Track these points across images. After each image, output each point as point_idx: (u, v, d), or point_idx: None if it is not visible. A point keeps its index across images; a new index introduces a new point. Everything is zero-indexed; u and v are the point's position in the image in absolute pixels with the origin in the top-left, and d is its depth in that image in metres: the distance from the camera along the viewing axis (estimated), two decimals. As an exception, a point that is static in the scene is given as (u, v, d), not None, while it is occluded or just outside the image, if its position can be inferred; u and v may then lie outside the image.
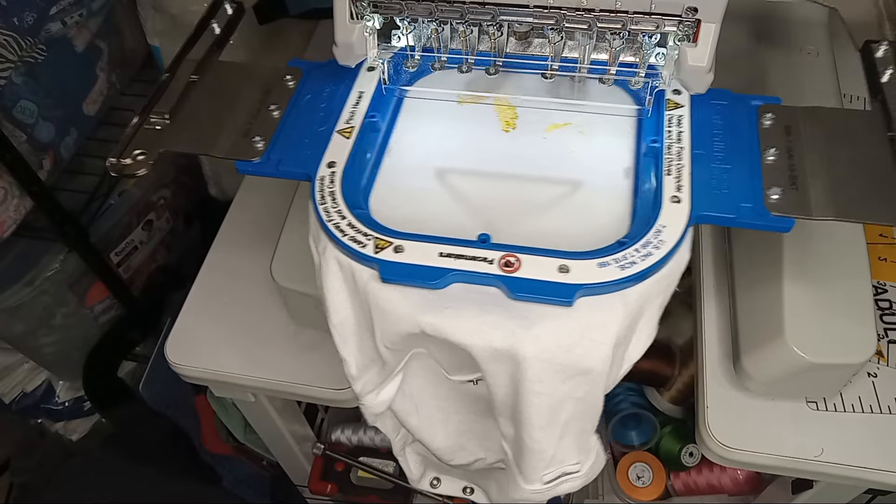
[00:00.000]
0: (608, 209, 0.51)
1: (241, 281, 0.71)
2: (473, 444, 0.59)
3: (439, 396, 0.55)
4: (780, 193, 0.47)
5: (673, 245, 0.45)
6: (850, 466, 0.57)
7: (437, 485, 0.70)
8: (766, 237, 0.61)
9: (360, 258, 0.46)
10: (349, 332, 0.50)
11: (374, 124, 0.56)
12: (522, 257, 0.45)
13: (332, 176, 0.50)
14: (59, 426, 1.25)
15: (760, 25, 0.73)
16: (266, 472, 1.11)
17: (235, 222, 0.76)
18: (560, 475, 0.51)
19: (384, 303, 0.45)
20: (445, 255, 0.45)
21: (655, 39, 0.54)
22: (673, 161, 0.50)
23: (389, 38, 0.59)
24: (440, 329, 0.44)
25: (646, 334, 0.48)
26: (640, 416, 0.91)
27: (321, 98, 0.56)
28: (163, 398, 1.12)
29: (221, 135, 0.53)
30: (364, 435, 0.97)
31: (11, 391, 1.21)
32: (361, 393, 0.52)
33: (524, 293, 0.44)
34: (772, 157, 0.49)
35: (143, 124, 0.53)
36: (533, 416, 0.46)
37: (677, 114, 0.53)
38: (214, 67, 0.58)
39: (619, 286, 0.44)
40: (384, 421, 0.59)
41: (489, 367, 0.45)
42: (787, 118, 0.52)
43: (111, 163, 0.51)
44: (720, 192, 0.48)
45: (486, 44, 0.58)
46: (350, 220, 0.48)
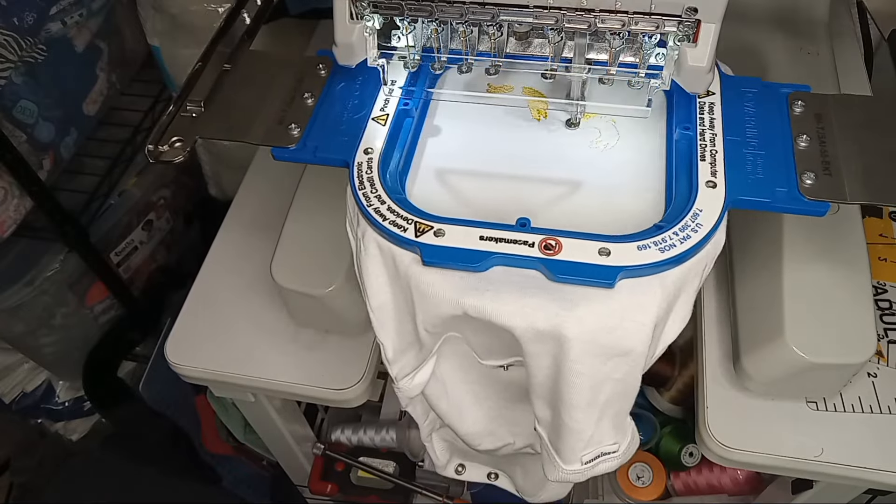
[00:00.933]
0: (641, 195, 0.52)
1: (241, 281, 0.71)
2: (502, 429, 0.59)
3: (470, 381, 0.56)
4: (813, 178, 0.48)
5: (710, 228, 0.46)
6: (850, 466, 0.57)
7: (461, 471, 0.71)
8: (766, 237, 0.61)
9: (400, 242, 0.47)
10: (387, 316, 0.51)
11: (408, 112, 0.56)
12: (563, 240, 0.45)
13: (369, 162, 0.51)
14: (59, 426, 1.25)
15: (760, 25, 0.73)
16: (266, 472, 1.11)
17: (235, 222, 0.76)
18: (598, 455, 0.52)
19: (426, 286, 0.46)
20: (486, 239, 0.46)
21: (655, 39, 0.54)
22: (707, 147, 0.51)
23: (389, 38, 0.59)
24: (483, 311, 0.45)
25: (681, 316, 0.48)
26: (640, 416, 0.91)
27: (354, 86, 0.56)
28: (163, 398, 1.12)
29: (256, 122, 0.53)
30: (364, 435, 0.97)
31: (11, 391, 1.21)
32: (398, 376, 0.53)
33: (566, 275, 0.44)
34: (804, 143, 0.50)
35: (179, 112, 0.53)
36: (574, 397, 0.47)
37: (709, 101, 0.54)
38: (245, 57, 0.58)
39: (658, 268, 0.45)
40: (415, 406, 0.60)
41: (531, 348, 0.46)
42: (817, 106, 0.52)
43: (149, 149, 0.51)
44: (755, 177, 0.49)
45: (486, 44, 0.58)
46: (389, 205, 0.48)
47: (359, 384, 0.64)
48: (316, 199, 0.63)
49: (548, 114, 0.58)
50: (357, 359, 0.65)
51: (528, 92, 0.60)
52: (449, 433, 0.62)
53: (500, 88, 0.60)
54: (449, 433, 0.62)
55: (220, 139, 0.54)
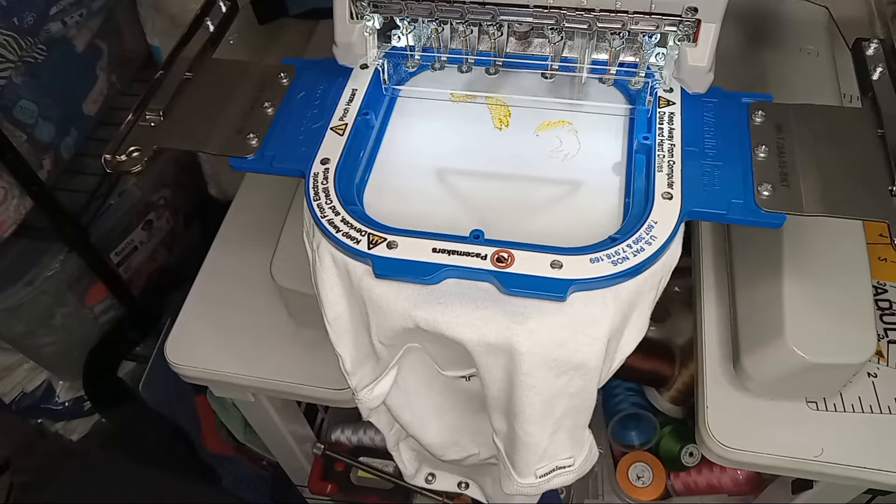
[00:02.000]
0: (599, 206, 0.52)
1: (241, 281, 0.71)
2: (466, 439, 0.59)
3: (432, 392, 0.55)
4: (770, 190, 0.47)
5: (664, 241, 0.45)
6: (849, 466, 0.57)
7: (431, 480, 0.70)
8: (765, 237, 0.61)
9: (354, 254, 0.46)
10: (344, 328, 0.50)
11: (368, 121, 0.56)
12: (515, 253, 0.45)
13: (325, 172, 0.51)
14: (59, 426, 1.25)
15: (760, 25, 0.73)
16: (266, 472, 1.11)
17: (235, 222, 0.76)
18: (553, 469, 0.51)
19: (378, 298, 0.46)
20: (439, 251, 0.45)
21: (655, 39, 0.54)
22: (664, 157, 0.50)
23: (389, 38, 0.59)
24: (435, 324, 0.45)
25: (637, 329, 0.48)
26: (640, 416, 0.91)
27: (315, 95, 0.56)
28: (163, 398, 1.12)
29: (215, 131, 0.53)
30: (364, 435, 0.97)
31: (11, 391, 1.21)
32: (356, 388, 0.53)
33: (517, 288, 0.44)
34: (762, 154, 0.50)
35: (138, 121, 0.53)
36: (527, 410, 0.47)
37: (669, 111, 0.53)
38: (208, 65, 0.58)
39: (611, 281, 0.44)
40: (378, 416, 0.59)
41: (483, 361, 0.46)
42: (777, 115, 0.52)
43: (106, 159, 0.51)
44: (711, 189, 0.48)
45: (486, 44, 0.58)
46: (344, 216, 0.48)
47: (359, 384, 0.64)
48: (316, 199, 0.63)
49: (510, 123, 0.58)
50: (357, 359, 0.65)
51: (491, 101, 0.59)
52: (416, 443, 0.61)
53: (463, 98, 0.60)
54: (416, 443, 0.61)
55: (178, 148, 0.54)
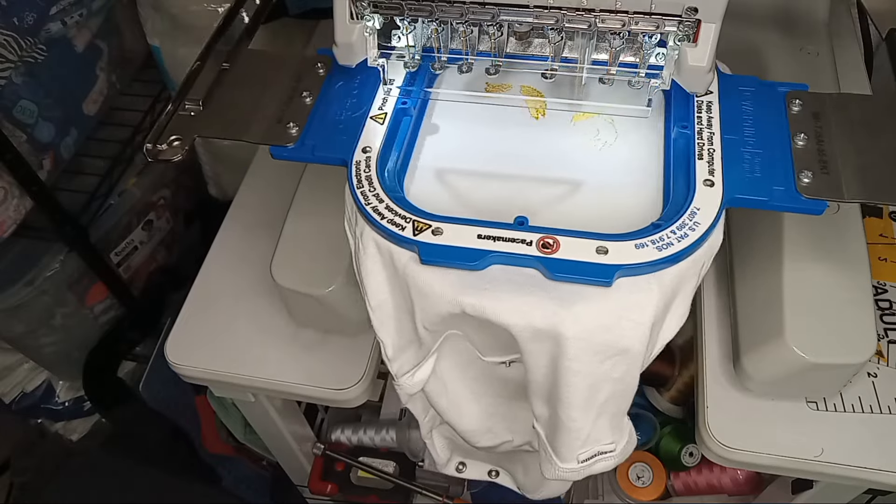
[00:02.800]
0: (640, 193, 0.52)
1: (241, 281, 0.71)
2: (501, 426, 0.59)
3: (469, 378, 0.56)
4: (811, 177, 0.48)
5: (708, 227, 0.46)
6: (849, 466, 0.57)
7: (462, 469, 0.71)
8: (766, 237, 0.61)
9: (398, 241, 0.47)
10: (387, 314, 0.51)
11: (406, 110, 0.56)
12: (560, 239, 0.45)
13: (367, 160, 0.51)
14: (59, 426, 1.25)
15: (760, 25, 0.73)
16: (266, 472, 1.11)
17: (235, 222, 0.76)
18: (595, 454, 0.52)
19: (424, 284, 0.46)
20: (484, 237, 0.46)
21: (655, 39, 0.54)
22: (704, 145, 0.51)
23: (389, 38, 0.59)
24: (481, 309, 0.45)
25: (679, 314, 0.48)
26: (640, 416, 0.91)
27: (353, 85, 0.56)
28: (163, 398, 1.12)
29: (254, 121, 0.54)
30: (364, 435, 0.97)
31: (11, 391, 1.21)
32: (398, 374, 0.53)
33: (563, 273, 0.44)
34: (801, 141, 0.50)
35: (178, 111, 0.53)
36: (571, 396, 0.47)
37: (707, 100, 0.54)
38: (244, 56, 0.58)
39: (656, 267, 0.45)
40: (415, 403, 0.60)
41: (529, 347, 0.46)
42: (814, 104, 0.52)
43: (147, 148, 0.51)
44: (752, 176, 0.49)
45: (486, 44, 0.58)
46: (388, 204, 0.48)
47: (359, 384, 0.64)
48: (316, 199, 0.63)
49: (546, 112, 0.58)
50: (357, 359, 0.65)
51: (526, 91, 0.60)
52: (449, 430, 0.62)
53: (499, 87, 0.60)
54: (449, 430, 0.62)
55: (218, 138, 0.54)
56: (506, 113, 0.58)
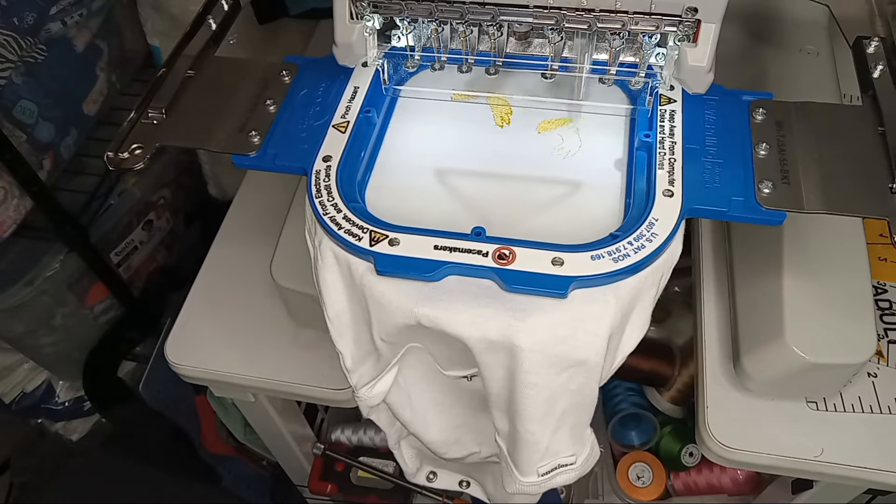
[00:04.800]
0: (600, 203, 0.52)
1: (241, 281, 0.71)
2: (468, 437, 0.59)
3: (433, 390, 0.55)
4: (771, 187, 0.48)
5: (665, 238, 0.46)
6: (850, 466, 0.57)
7: (433, 478, 0.70)
8: (765, 237, 0.61)
9: (355, 251, 0.46)
10: (345, 325, 0.50)
11: (370, 119, 0.56)
12: (516, 250, 0.45)
13: (327, 170, 0.51)
14: (59, 426, 1.25)
15: (760, 25, 0.73)
16: (266, 472, 1.11)
17: (235, 222, 0.76)
18: (555, 467, 0.51)
19: (380, 295, 0.46)
20: (440, 248, 0.46)
21: (655, 39, 0.54)
22: (665, 155, 0.50)
23: (389, 38, 0.59)
24: (436, 320, 0.45)
25: (639, 326, 0.48)
26: (640, 416, 0.91)
27: (317, 93, 0.56)
28: (163, 398, 1.12)
29: (217, 129, 0.53)
30: (364, 435, 0.97)
31: (11, 391, 1.21)
32: (357, 385, 0.53)
33: (518, 285, 0.44)
34: (763, 151, 0.50)
35: (140, 119, 0.53)
36: (528, 408, 0.47)
37: (670, 108, 0.53)
38: (210, 63, 0.58)
39: (612, 278, 0.44)
40: (379, 414, 0.59)
41: (484, 359, 0.46)
42: (778, 113, 0.52)
43: (108, 157, 0.51)
44: (712, 186, 0.48)
45: (486, 44, 0.58)
46: (346, 214, 0.48)
47: (359, 384, 0.64)
48: (316, 199, 0.63)
49: (511, 120, 0.58)
50: (357, 359, 0.65)
51: (493, 100, 0.59)
52: (417, 441, 0.61)
53: (466, 97, 0.60)
54: (417, 441, 0.61)
55: (180, 146, 0.54)
56: (471, 121, 0.58)
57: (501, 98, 0.59)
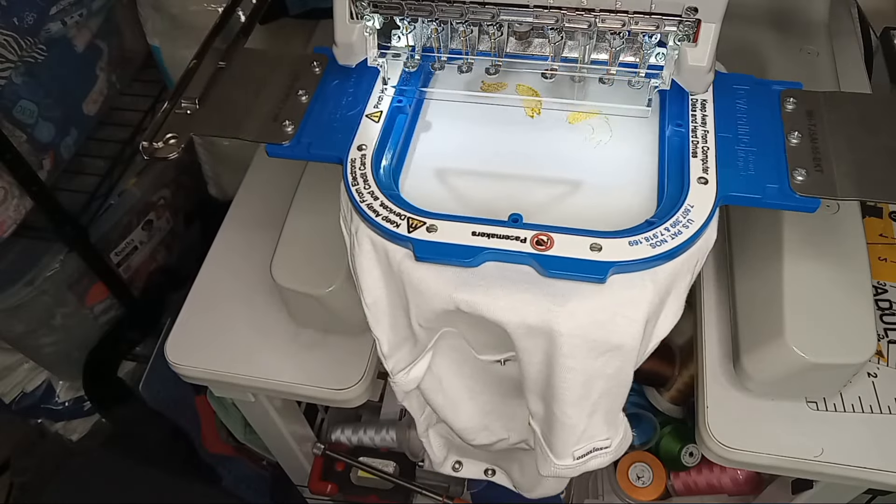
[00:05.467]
0: (634, 191, 0.52)
1: (241, 281, 0.71)
2: (497, 424, 0.60)
3: (465, 375, 0.56)
4: (804, 175, 0.48)
5: (701, 224, 0.46)
6: (849, 466, 0.57)
7: (458, 468, 0.71)
8: (766, 237, 0.61)
9: (393, 238, 0.47)
10: (382, 311, 0.51)
11: (402, 108, 0.56)
12: (554, 236, 0.46)
13: (362, 158, 0.51)
14: (59, 426, 1.25)
15: (760, 25, 0.73)
16: (266, 472, 1.11)
17: (235, 222, 0.76)
18: (591, 450, 0.52)
19: (418, 281, 0.46)
20: (478, 234, 0.46)
21: (655, 39, 0.54)
22: (699, 143, 0.51)
23: (389, 38, 0.59)
24: (475, 306, 0.45)
25: (673, 311, 0.49)
26: (640, 416, 0.91)
27: (348, 83, 0.56)
28: (163, 398, 1.12)
29: (250, 119, 0.54)
30: (364, 435, 0.97)
31: (11, 391, 1.21)
32: (393, 371, 0.53)
33: (557, 270, 0.44)
34: (795, 139, 0.50)
35: (174, 109, 0.53)
36: (566, 392, 0.47)
37: (701, 98, 0.54)
38: (241, 54, 0.59)
39: (649, 264, 0.45)
40: (411, 400, 0.60)
41: (523, 344, 0.46)
42: (808, 103, 0.53)
43: (144, 146, 0.51)
44: (746, 174, 0.49)
45: (486, 44, 0.58)
46: (382, 201, 0.48)
47: (359, 384, 0.64)
48: (316, 199, 0.63)
49: (541, 111, 0.58)
50: (357, 359, 0.65)
51: (522, 90, 0.60)
52: (445, 429, 0.62)
53: (495, 86, 0.60)
54: (445, 429, 0.62)
55: (214, 136, 0.54)
56: (501, 111, 0.58)
57: (530, 88, 0.59)
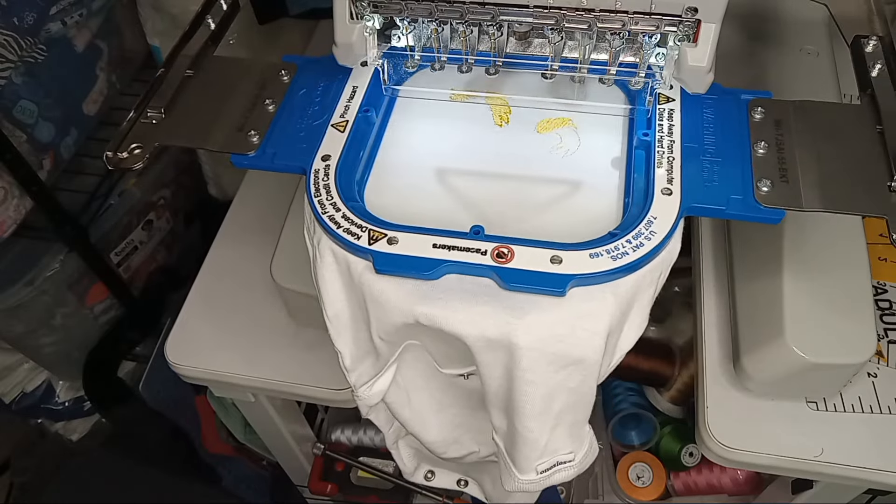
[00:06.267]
0: (599, 202, 0.52)
1: (241, 281, 0.71)
2: (467, 437, 0.59)
3: (432, 388, 0.55)
4: (770, 186, 0.48)
5: (664, 236, 0.46)
6: (849, 466, 0.57)
7: (431, 478, 0.71)
8: (766, 237, 0.61)
9: (354, 250, 0.46)
10: (343, 324, 0.51)
11: (369, 118, 0.56)
12: (515, 248, 0.45)
13: (326, 169, 0.51)
14: (59, 426, 1.25)
15: (760, 25, 0.73)
16: (266, 472, 1.11)
17: (235, 222, 0.76)
18: (554, 464, 0.51)
19: (379, 294, 0.46)
20: (439, 247, 0.46)
21: (655, 39, 0.54)
22: (664, 154, 0.50)
23: (389, 38, 0.59)
24: (434, 319, 0.45)
25: (637, 324, 0.48)
26: (640, 416, 0.91)
27: (316, 92, 0.56)
28: (163, 398, 1.12)
29: (216, 128, 0.53)
30: (364, 435, 0.97)
31: (11, 391, 1.21)
32: (356, 384, 0.53)
33: (517, 283, 0.44)
34: (762, 150, 0.50)
35: (139, 118, 0.53)
36: (526, 406, 0.47)
37: (668, 107, 0.53)
38: (209, 63, 0.58)
39: (610, 276, 0.45)
40: (377, 413, 0.59)
41: (483, 357, 0.46)
42: (777, 112, 0.52)
43: (108, 156, 0.52)
44: (711, 185, 0.49)
45: (486, 44, 0.58)
46: (344, 212, 0.48)
47: (359, 384, 0.64)
48: (316, 199, 0.63)
49: (510, 119, 0.58)
50: (357, 359, 0.65)
51: (491, 99, 0.59)
52: (415, 440, 0.61)
53: (464, 96, 0.60)
54: (415, 440, 0.61)
55: (179, 146, 0.54)
56: (470, 121, 0.58)
57: (500, 97, 0.59)
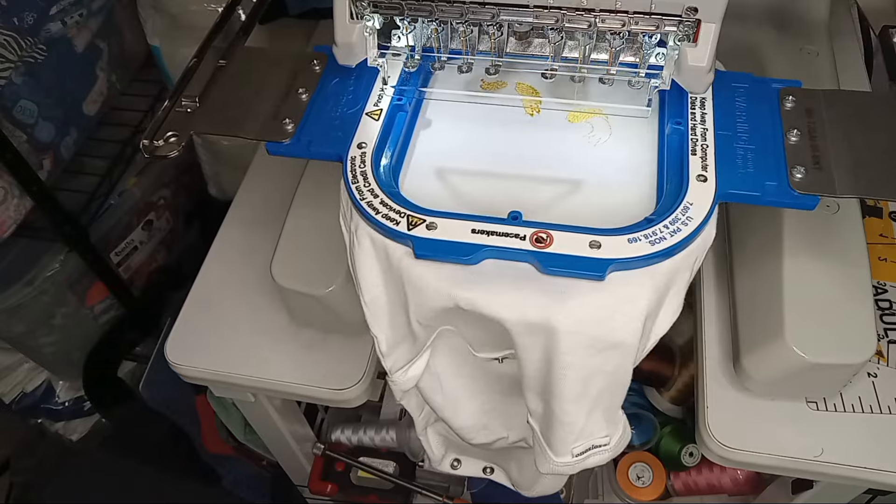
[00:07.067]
0: (633, 189, 0.52)
1: (241, 281, 0.71)
2: (496, 422, 0.60)
3: (464, 375, 0.56)
4: (803, 172, 0.48)
5: (700, 221, 0.46)
6: (850, 466, 0.57)
7: (457, 466, 0.71)
8: (765, 237, 0.61)
9: (393, 235, 0.47)
10: (381, 309, 0.51)
11: (402, 107, 0.57)
12: (554, 233, 0.46)
13: (362, 156, 0.51)
14: (59, 426, 1.25)
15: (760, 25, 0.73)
16: (266, 472, 1.11)
17: (235, 222, 0.76)
18: (589, 448, 0.52)
19: (418, 279, 0.46)
20: (478, 232, 0.46)
21: (655, 39, 0.54)
22: (698, 141, 0.51)
23: (389, 38, 0.59)
24: (475, 303, 0.45)
25: (672, 308, 0.49)
26: (640, 416, 0.91)
27: (348, 82, 0.57)
28: (163, 398, 1.12)
29: (250, 117, 0.54)
30: (364, 435, 0.97)
31: (11, 391, 1.21)
32: (391, 370, 0.53)
33: (557, 268, 0.45)
34: (794, 137, 0.50)
35: (174, 107, 0.54)
36: (564, 389, 0.47)
37: (700, 96, 0.54)
38: (241, 53, 0.59)
39: (649, 261, 0.45)
40: (409, 399, 0.60)
41: (522, 341, 0.46)
42: (808, 101, 0.53)
43: (144, 144, 0.51)
44: (745, 171, 0.49)
45: (486, 44, 0.58)
46: (382, 199, 0.48)
47: (359, 384, 0.64)
48: (316, 199, 0.63)
49: (541, 110, 0.58)
50: (357, 359, 0.65)
51: (522, 89, 0.60)
52: (444, 427, 0.62)
53: (494, 85, 0.60)
54: (444, 427, 0.62)
55: (214, 134, 0.54)
56: (501, 110, 0.59)
57: (530, 87, 0.59)
